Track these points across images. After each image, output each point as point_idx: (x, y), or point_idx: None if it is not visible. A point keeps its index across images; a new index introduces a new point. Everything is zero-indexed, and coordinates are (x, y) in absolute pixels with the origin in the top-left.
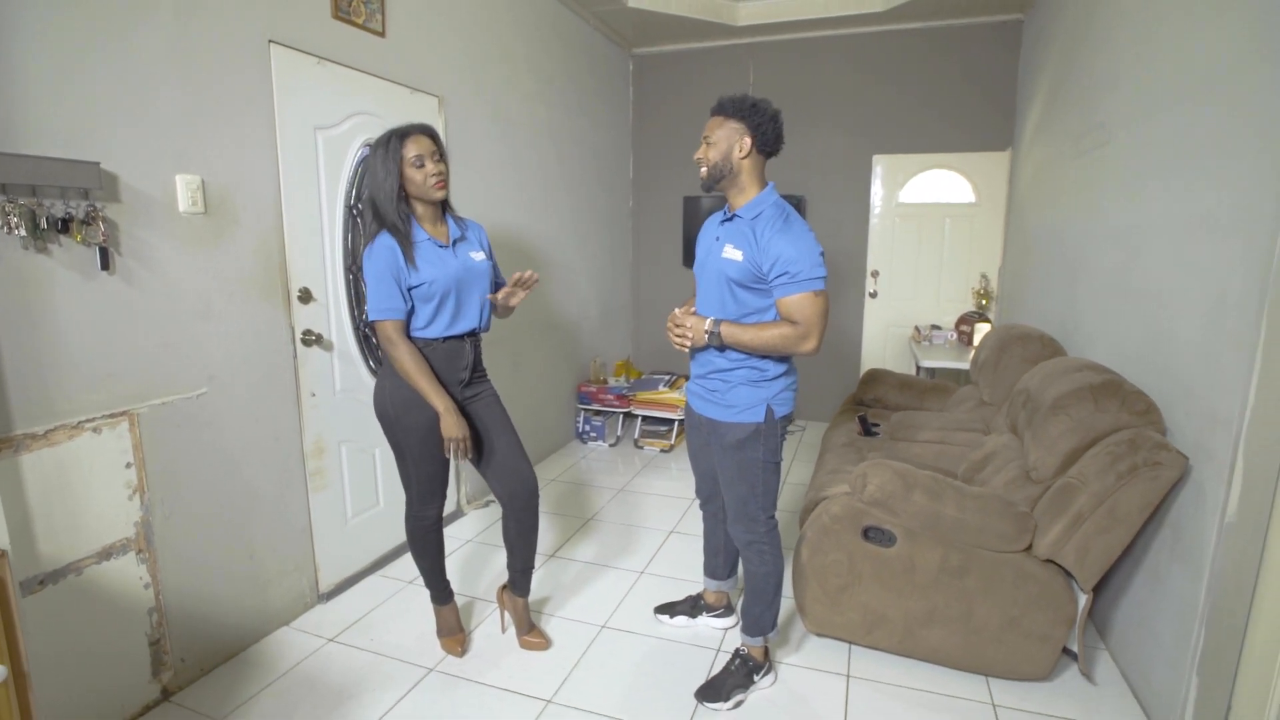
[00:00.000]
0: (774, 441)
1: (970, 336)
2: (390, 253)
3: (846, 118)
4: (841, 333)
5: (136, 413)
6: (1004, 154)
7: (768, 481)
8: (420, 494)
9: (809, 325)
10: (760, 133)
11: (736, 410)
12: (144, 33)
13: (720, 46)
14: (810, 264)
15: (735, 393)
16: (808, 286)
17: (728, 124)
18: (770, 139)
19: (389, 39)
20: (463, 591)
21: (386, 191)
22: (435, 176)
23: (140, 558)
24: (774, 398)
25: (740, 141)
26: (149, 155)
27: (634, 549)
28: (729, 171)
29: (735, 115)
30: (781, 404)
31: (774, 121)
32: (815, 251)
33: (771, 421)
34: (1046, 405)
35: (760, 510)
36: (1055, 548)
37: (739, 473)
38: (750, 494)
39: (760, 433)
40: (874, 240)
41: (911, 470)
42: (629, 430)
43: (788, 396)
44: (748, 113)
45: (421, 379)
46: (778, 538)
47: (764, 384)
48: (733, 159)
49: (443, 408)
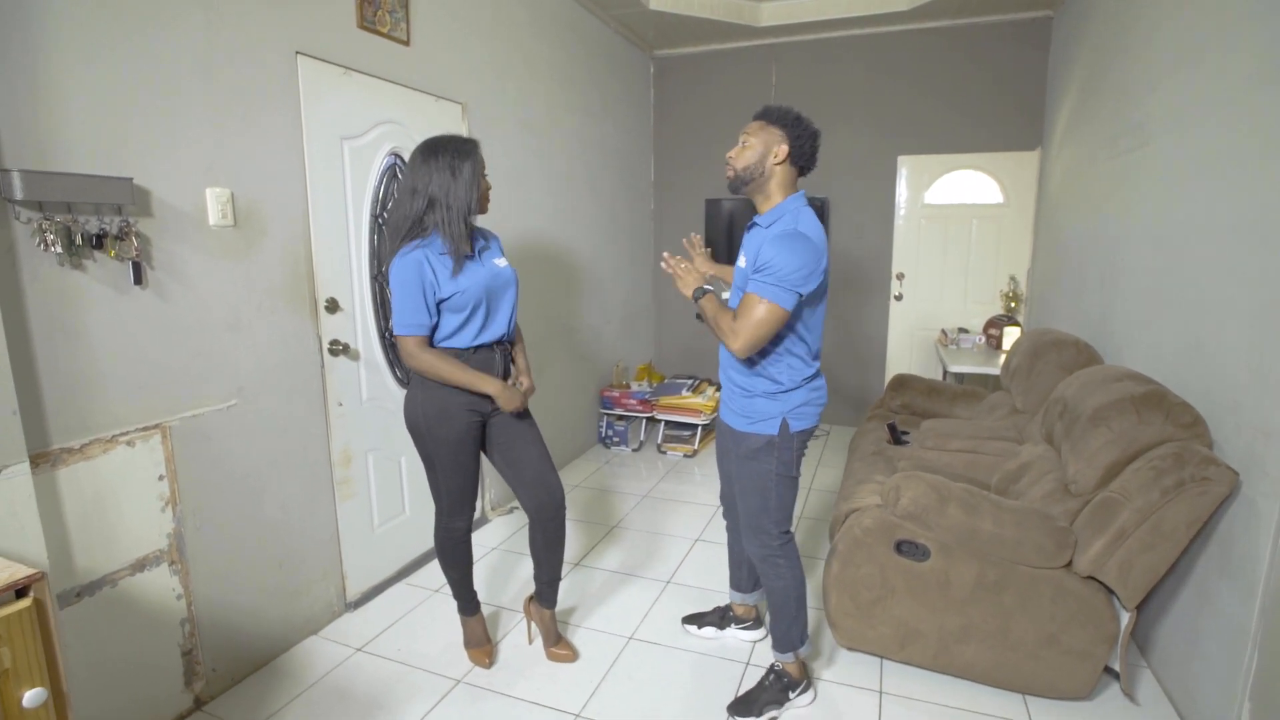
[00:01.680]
0: (788, 455)
1: (999, 340)
2: (419, 266)
3: (871, 118)
4: (866, 336)
5: (168, 425)
6: (1033, 154)
7: (781, 495)
8: (450, 506)
9: (741, 326)
10: (798, 144)
11: (752, 421)
12: (174, 49)
13: (742, 48)
14: (783, 274)
15: (753, 403)
16: (766, 292)
17: (769, 129)
18: (806, 154)
19: (413, 48)
20: (488, 601)
21: (466, 201)
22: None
23: (173, 569)
24: (791, 411)
25: (777, 148)
26: (180, 169)
27: (660, 557)
28: (759, 175)
29: (778, 123)
30: (799, 418)
31: (813, 139)
32: (798, 269)
33: (786, 435)
34: (1086, 416)
35: (773, 524)
36: (1096, 564)
37: (752, 483)
38: (762, 506)
39: (774, 446)
40: (899, 242)
41: (946, 483)
42: (652, 435)
43: (808, 411)
44: (791, 123)
45: (461, 373)
46: (794, 551)
47: (780, 396)
48: (766, 164)
49: (495, 390)
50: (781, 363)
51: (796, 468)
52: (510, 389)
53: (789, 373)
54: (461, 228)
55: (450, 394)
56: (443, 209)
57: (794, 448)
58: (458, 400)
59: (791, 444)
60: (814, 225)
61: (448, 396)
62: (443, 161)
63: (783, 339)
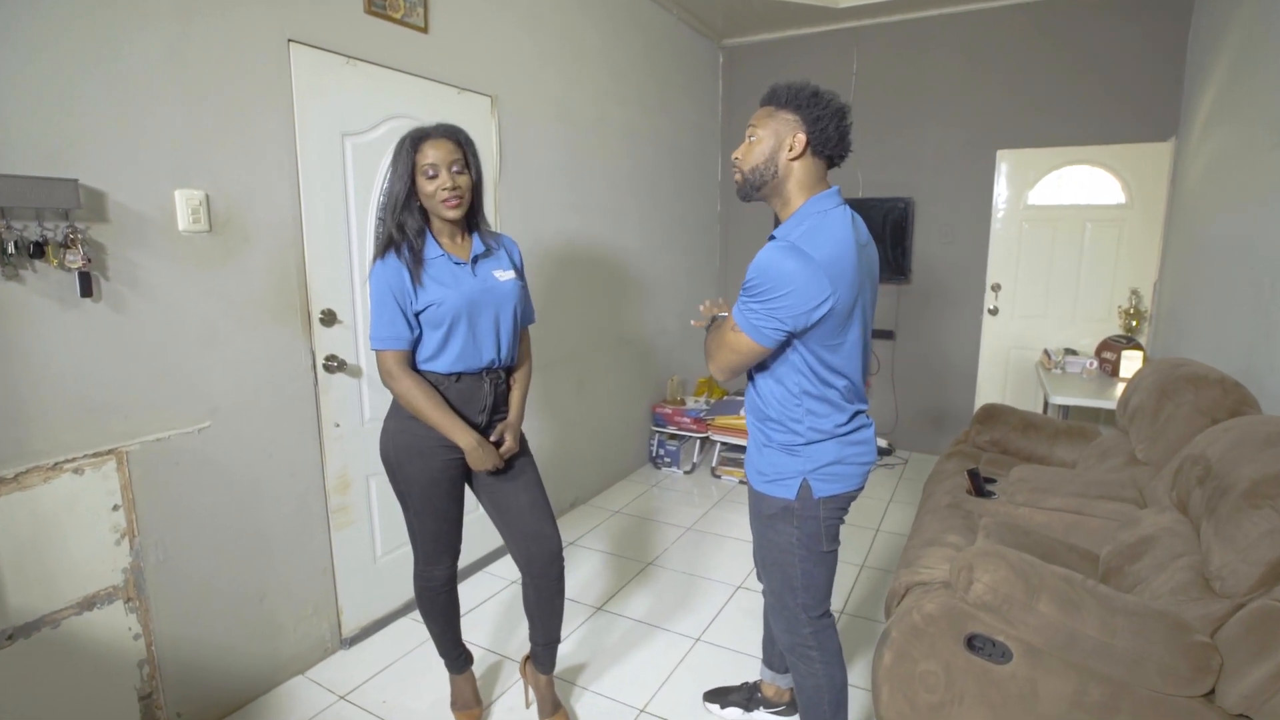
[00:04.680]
0: (813, 527)
1: (1116, 366)
2: (396, 271)
3: (965, 108)
4: (953, 353)
5: (126, 450)
6: (1165, 145)
7: (809, 574)
8: (426, 552)
9: (714, 343)
10: (818, 129)
11: (766, 479)
12: (138, 36)
13: (820, 33)
14: (765, 304)
15: (768, 456)
16: (740, 319)
17: (779, 116)
18: (831, 138)
19: (433, 34)
20: (492, 649)
21: (393, 199)
22: (447, 192)
23: (129, 606)
24: (815, 471)
25: (792, 138)
26: (143, 170)
27: (693, 606)
28: (771, 176)
29: (790, 106)
30: (827, 480)
31: (838, 118)
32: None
33: (809, 502)
34: (1240, 490)
35: (801, 609)
36: (1253, 701)
37: (772, 556)
38: (786, 587)
39: (793, 514)
40: (995, 248)
41: (1036, 566)
42: (706, 456)
43: (841, 473)
44: (806, 103)
45: (435, 412)
46: (831, 640)
47: (799, 450)
48: (779, 160)
49: (467, 444)
50: (798, 406)
51: (828, 540)
52: (484, 447)
53: (810, 419)
54: (401, 234)
55: (425, 429)
56: (389, 216)
57: (820, 517)
58: (434, 436)
59: (816, 513)
60: (830, 237)
61: (422, 430)
62: (396, 152)
63: (799, 376)
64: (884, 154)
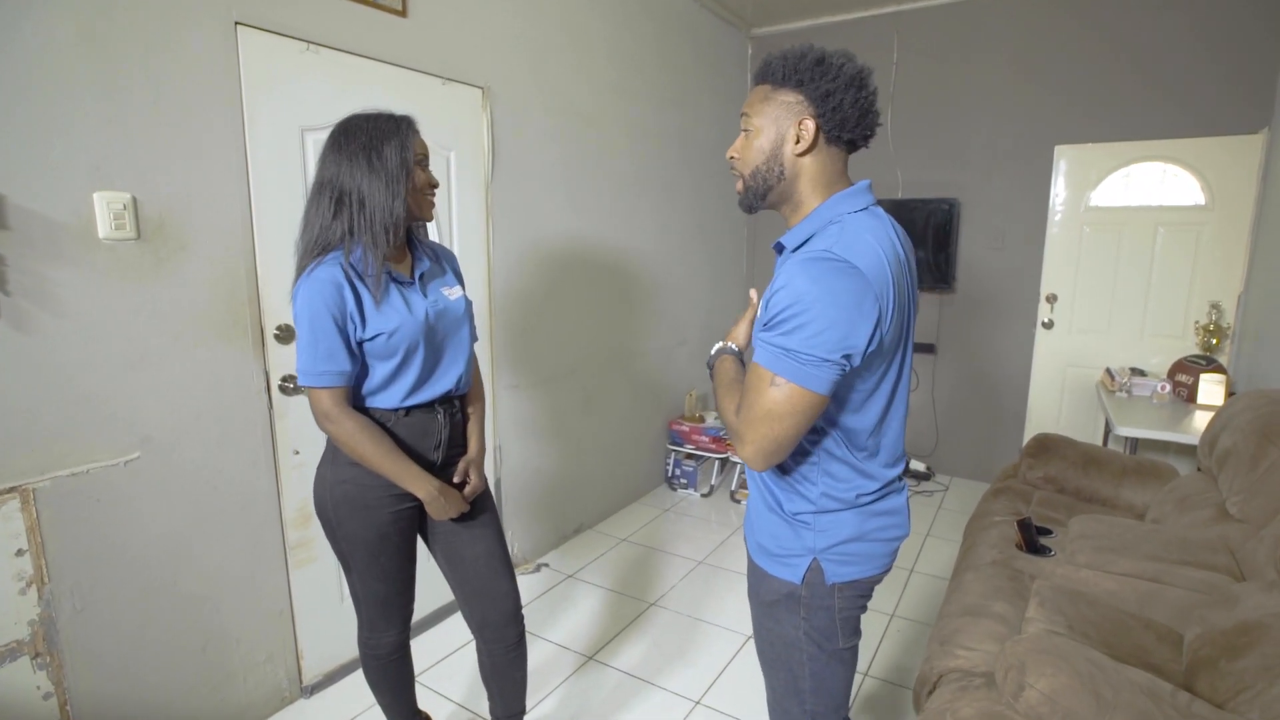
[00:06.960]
0: (824, 620)
1: (1193, 391)
2: (335, 291)
3: (1019, 100)
4: (1001, 370)
5: (33, 488)
6: (1255, 137)
7: (819, 676)
8: (371, 618)
9: (748, 419)
10: (831, 106)
11: (768, 555)
12: (42, 14)
13: (858, 19)
14: (810, 333)
15: (772, 524)
16: (780, 365)
17: (776, 98)
18: (849, 117)
19: (412, 18)
20: (465, 705)
21: (387, 202)
22: (433, 190)
23: (38, 663)
24: (828, 550)
25: (797, 126)
26: (54, 170)
27: (694, 658)
28: (777, 179)
29: (790, 82)
30: (843, 562)
31: (854, 87)
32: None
33: (819, 587)
34: None
35: (806, 717)
36: None
37: (774, 651)
38: (790, 690)
39: (798, 602)
40: (1052, 254)
41: (1109, 674)
42: (726, 479)
43: (863, 551)
44: (810, 75)
45: (386, 460)
46: None
47: (809, 521)
48: (784, 157)
49: (427, 495)
50: (815, 466)
51: (845, 635)
52: (446, 494)
53: (827, 483)
54: (383, 238)
55: (371, 477)
56: (353, 211)
57: (834, 607)
58: (381, 484)
59: (829, 603)
60: (866, 243)
61: (367, 479)
62: (356, 145)
63: (817, 427)
64: (927, 151)
